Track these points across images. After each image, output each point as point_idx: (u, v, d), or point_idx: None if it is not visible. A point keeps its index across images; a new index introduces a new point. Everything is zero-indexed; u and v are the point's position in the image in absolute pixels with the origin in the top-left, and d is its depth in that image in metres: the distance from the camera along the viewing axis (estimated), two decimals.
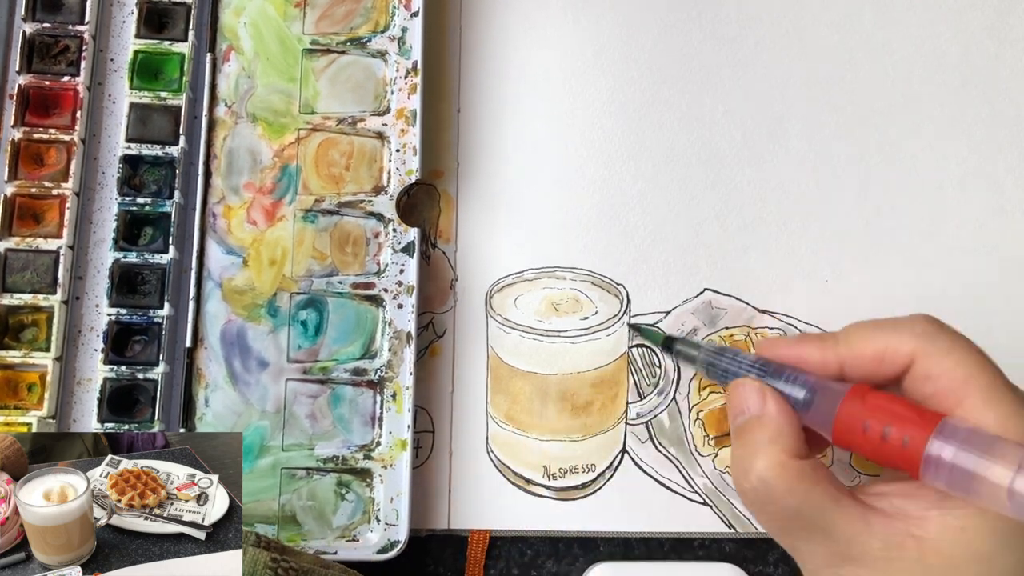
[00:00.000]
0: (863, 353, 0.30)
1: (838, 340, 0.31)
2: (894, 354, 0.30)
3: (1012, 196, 0.43)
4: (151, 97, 0.41)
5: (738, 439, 0.30)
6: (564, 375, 0.41)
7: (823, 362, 0.31)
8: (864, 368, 0.30)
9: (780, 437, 0.29)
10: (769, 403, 0.30)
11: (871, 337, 0.30)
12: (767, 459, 0.29)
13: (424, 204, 0.43)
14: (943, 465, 0.27)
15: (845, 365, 0.31)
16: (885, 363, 0.30)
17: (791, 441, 0.29)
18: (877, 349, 0.30)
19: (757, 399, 0.30)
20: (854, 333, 0.31)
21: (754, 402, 0.30)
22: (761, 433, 0.30)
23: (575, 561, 0.40)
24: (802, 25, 0.45)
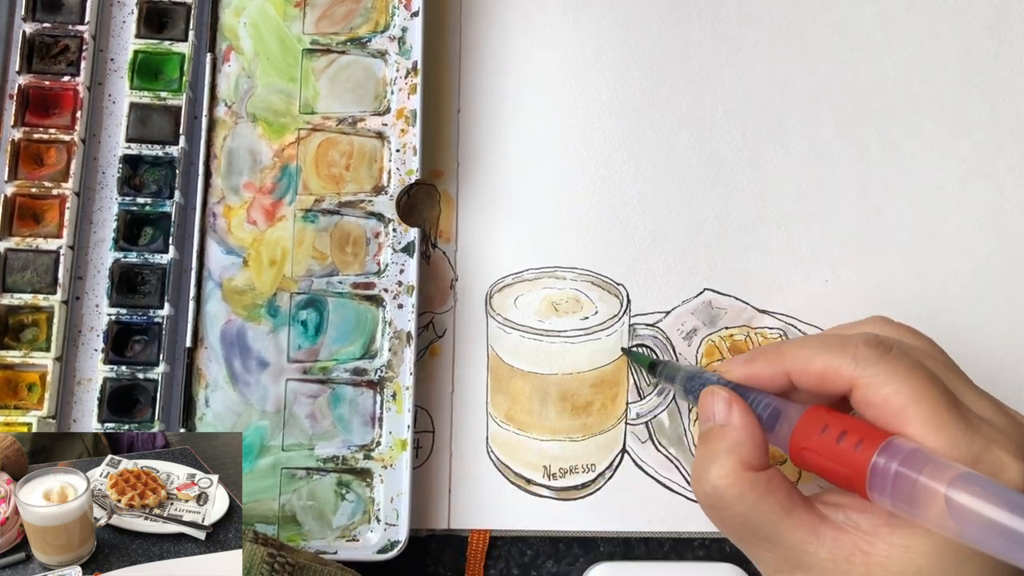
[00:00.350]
0: (808, 371, 0.31)
1: (786, 357, 0.31)
2: (835, 377, 0.30)
3: (1012, 196, 0.43)
4: (151, 97, 0.41)
5: (701, 445, 0.31)
6: (564, 375, 0.41)
7: (772, 377, 0.32)
8: (811, 386, 0.31)
9: (738, 447, 0.30)
10: (734, 413, 0.31)
11: (814, 356, 0.30)
12: (721, 468, 0.30)
13: (424, 204, 0.43)
14: (887, 480, 0.27)
15: (794, 380, 0.31)
16: (827, 383, 0.30)
17: (748, 451, 0.30)
18: (819, 369, 0.30)
19: (723, 408, 0.31)
20: (801, 349, 0.31)
21: (720, 411, 0.31)
22: (721, 442, 0.30)
23: (575, 561, 0.40)
24: (802, 25, 0.45)
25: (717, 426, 0.31)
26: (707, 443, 0.31)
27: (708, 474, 0.30)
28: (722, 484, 0.30)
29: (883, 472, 0.27)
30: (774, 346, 0.32)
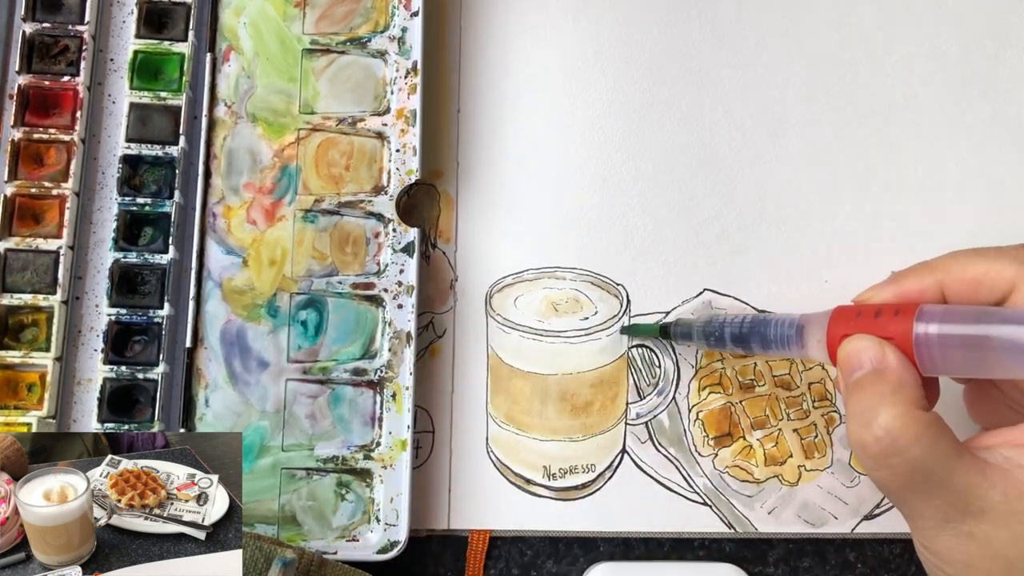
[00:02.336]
0: (962, 278, 0.31)
1: (934, 268, 0.31)
2: (994, 279, 0.30)
3: (1012, 196, 0.43)
4: (151, 97, 0.41)
5: (857, 393, 0.30)
6: (564, 375, 0.41)
7: (923, 290, 0.31)
8: (963, 293, 0.31)
9: (903, 388, 0.29)
10: (889, 356, 0.30)
11: (971, 263, 0.31)
12: (893, 409, 0.28)
13: (424, 204, 0.43)
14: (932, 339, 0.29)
15: (945, 291, 0.31)
16: (984, 288, 0.30)
17: (915, 392, 0.29)
18: (977, 274, 0.30)
19: (875, 352, 0.30)
20: (953, 260, 0.31)
21: (872, 355, 0.30)
22: (883, 385, 0.29)
23: (575, 561, 0.40)
24: (802, 25, 0.45)
25: (872, 371, 0.30)
26: (863, 390, 0.29)
27: (878, 419, 0.28)
28: (896, 426, 0.28)
29: (930, 313, 0.29)
30: (920, 263, 0.32)
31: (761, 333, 0.35)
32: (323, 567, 0.36)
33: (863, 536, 0.41)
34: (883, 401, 0.29)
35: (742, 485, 0.41)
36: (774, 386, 0.41)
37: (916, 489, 0.29)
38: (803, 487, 0.41)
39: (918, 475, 0.28)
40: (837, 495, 0.40)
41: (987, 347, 0.28)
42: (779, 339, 0.35)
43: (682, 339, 0.39)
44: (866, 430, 0.29)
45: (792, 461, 0.41)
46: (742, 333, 0.36)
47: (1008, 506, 0.27)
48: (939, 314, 0.29)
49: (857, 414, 0.29)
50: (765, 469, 0.41)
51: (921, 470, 0.28)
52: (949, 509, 0.28)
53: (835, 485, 0.41)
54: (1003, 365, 0.28)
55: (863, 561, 0.41)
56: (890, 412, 0.28)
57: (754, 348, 0.36)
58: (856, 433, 0.29)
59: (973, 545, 0.28)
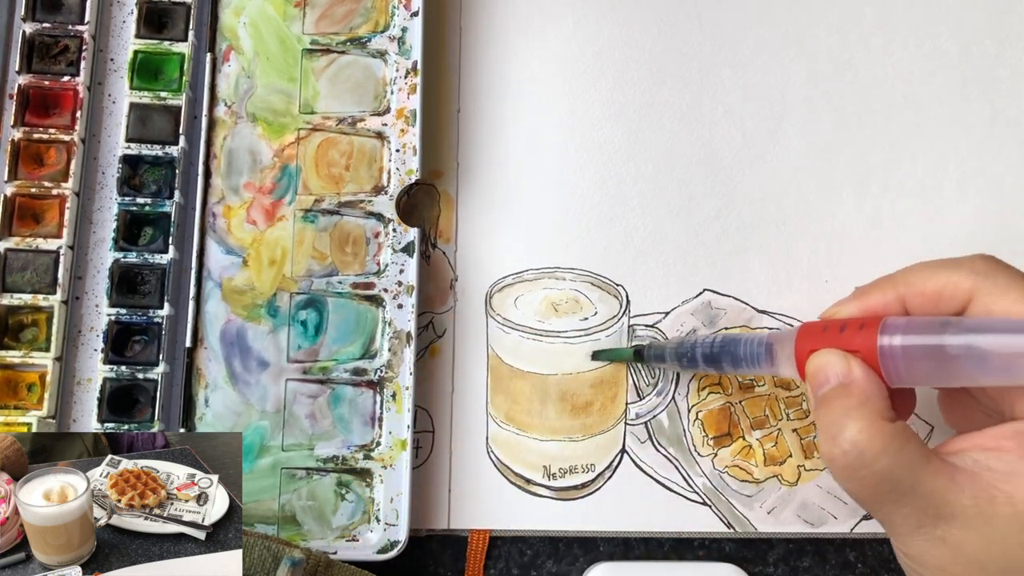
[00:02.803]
0: (923, 291, 0.31)
1: (896, 282, 0.32)
2: (953, 291, 0.30)
3: (1012, 196, 0.43)
4: (151, 97, 0.41)
5: (824, 407, 0.30)
6: (564, 375, 0.41)
7: (886, 304, 0.32)
8: (925, 306, 0.31)
9: (869, 401, 0.29)
10: (854, 369, 0.30)
11: (931, 275, 0.31)
12: (859, 422, 0.29)
13: (424, 204, 0.43)
14: (896, 350, 0.29)
15: (907, 304, 0.31)
16: (944, 300, 0.30)
17: (880, 404, 0.29)
18: (936, 287, 0.31)
19: (841, 366, 0.30)
20: (913, 273, 0.32)
21: (838, 370, 0.30)
22: (849, 399, 0.29)
23: (575, 561, 0.40)
24: (802, 25, 0.45)
25: (839, 385, 0.30)
26: (831, 404, 0.30)
27: (844, 432, 0.29)
28: (863, 439, 0.29)
29: (893, 326, 0.29)
30: (883, 277, 0.32)
31: (731, 352, 0.35)
32: (330, 568, 0.36)
33: (863, 536, 0.41)
34: (849, 414, 0.29)
35: (742, 485, 0.41)
36: (774, 386, 0.41)
37: (886, 499, 0.29)
38: (803, 487, 0.41)
39: (886, 485, 0.29)
40: (837, 495, 0.40)
41: (949, 356, 0.28)
42: (749, 357, 0.35)
43: (655, 361, 0.39)
44: (833, 444, 0.29)
45: (792, 461, 0.41)
46: (712, 353, 0.36)
47: (978, 510, 0.28)
48: (902, 326, 0.29)
49: (825, 428, 0.30)
50: (765, 469, 0.41)
51: (889, 480, 0.29)
52: (920, 515, 0.29)
53: (835, 485, 0.41)
54: (966, 373, 0.28)
55: (863, 561, 0.41)
56: (856, 425, 0.29)
57: (725, 367, 0.36)
58: (825, 447, 0.30)
59: (946, 549, 0.28)
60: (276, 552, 0.35)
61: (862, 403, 0.29)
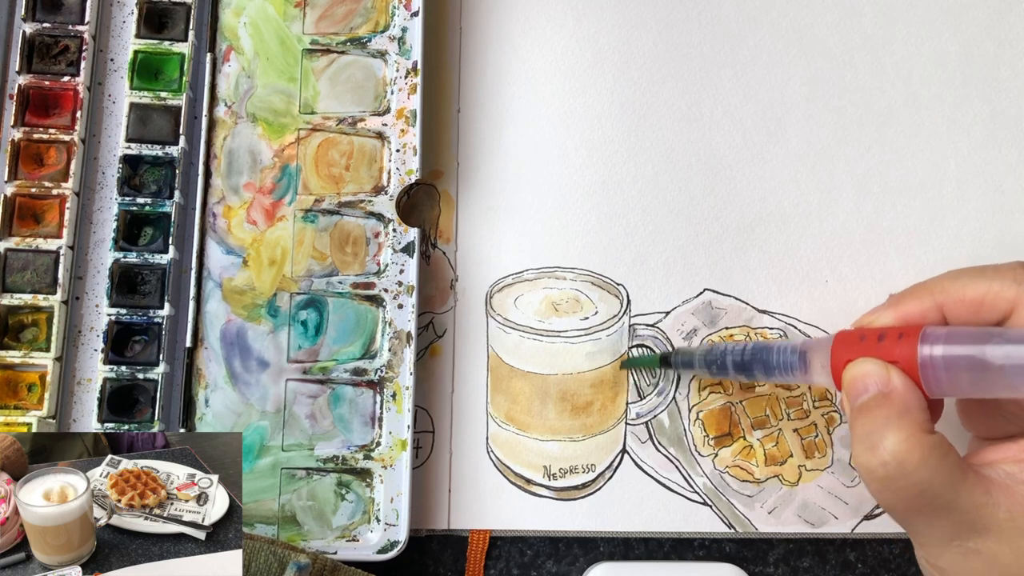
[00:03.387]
0: (963, 299, 0.30)
1: (934, 290, 0.31)
2: (995, 300, 0.30)
3: (1012, 196, 0.43)
4: (151, 97, 0.41)
5: (862, 417, 0.30)
6: (564, 375, 0.41)
7: (923, 312, 0.31)
8: (964, 314, 0.31)
9: (909, 411, 0.29)
10: (894, 379, 0.30)
11: (971, 283, 0.30)
12: (899, 433, 0.28)
13: (424, 204, 0.43)
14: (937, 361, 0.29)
15: (946, 312, 0.31)
16: (985, 308, 0.30)
17: (920, 415, 0.29)
18: (977, 295, 0.30)
19: (880, 376, 0.30)
20: (952, 281, 0.31)
21: (877, 379, 0.30)
22: (889, 409, 0.29)
23: (575, 561, 0.40)
24: (802, 25, 0.45)
25: (878, 395, 0.30)
26: (869, 414, 0.29)
27: (884, 443, 0.28)
28: (903, 450, 0.28)
29: (933, 336, 0.29)
30: (918, 284, 0.32)
31: (764, 360, 0.35)
32: (336, 571, 0.36)
33: (863, 536, 0.41)
34: (889, 424, 0.29)
35: (742, 485, 0.41)
36: (774, 386, 0.41)
37: (922, 511, 0.29)
38: (803, 487, 0.41)
39: (924, 498, 0.28)
40: (837, 495, 0.40)
41: (992, 368, 0.28)
42: (782, 365, 0.34)
43: (684, 368, 0.39)
44: (872, 454, 0.29)
45: (792, 461, 0.41)
46: (744, 360, 0.36)
47: (1013, 523, 0.28)
48: (943, 336, 0.29)
49: (863, 437, 0.29)
50: (765, 469, 0.41)
51: (928, 493, 0.28)
52: (955, 528, 0.28)
53: (835, 485, 0.41)
54: (1009, 385, 0.28)
55: (863, 561, 0.41)
56: (896, 436, 0.28)
57: (757, 375, 0.36)
58: (862, 457, 0.29)
59: (979, 562, 0.28)
60: (282, 557, 0.35)
61: (902, 414, 0.29)
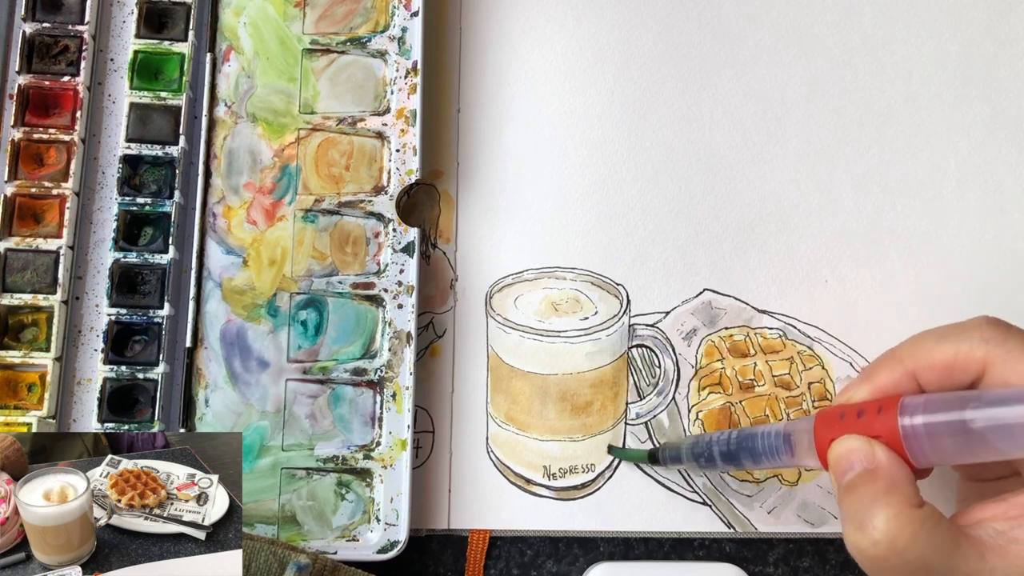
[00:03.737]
0: (931, 364, 0.30)
1: (903, 357, 0.31)
2: (965, 361, 0.29)
3: (1012, 196, 0.43)
4: (151, 97, 0.41)
5: (849, 495, 0.29)
6: (564, 375, 0.41)
7: (895, 383, 0.31)
8: (937, 380, 0.30)
9: (896, 487, 0.28)
10: (879, 454, 0.29)
11: (936, 347, 0.30)
12: (888, 510, 0.28)
13: (424, 204, 0.43)
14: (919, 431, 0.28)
15: (919, 378, 0.31)
16: (957, 372, 0.30)
17: (908, 489, 0.29)
18: (947, 358, 0.30)
19: (865, 452, 0.29)
20: (918, 346, 0.31)
21: (862, 455, 0.29)
22: (876, 485, 0.29)
23: (575, 561, 0.40)
24: (802, 25, 0.45)
25: (864, 472, 0.29)
26: (856, 492, 0.29)
27: (874, 521, 0.28)
28: (893, 527, 0.28)
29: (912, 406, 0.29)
30: (885, 355, 0.32)
31: (749, 448, 0.34)
32: (336, 572, 0.36)
33: None
34: (876, 502, 0.28)
35: (742, 485, 0.41)
36: (774, 386, 0.41)
37: None
38: (803, 487, 0.41)
39: (919, 574, 0.28)
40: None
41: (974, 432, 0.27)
42: (768, 451, 0.34)
43: (672, 463, 0.38)
44: (862, 533, 0.28)
45: None
46: (730, 450, 0.35)
47: None
48: (921, 405, 0.29)
49: (852, 516, 0.29)
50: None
51: (922, 569, 0.28)
52: None
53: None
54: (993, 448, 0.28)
55: None
56: (885, 513, 0.28)
57: (745, 463, 0.35)
58: (852, 536, 0.29)
59: None
60: (282, 557, 0.35)
61: (889, 489, 0.28)
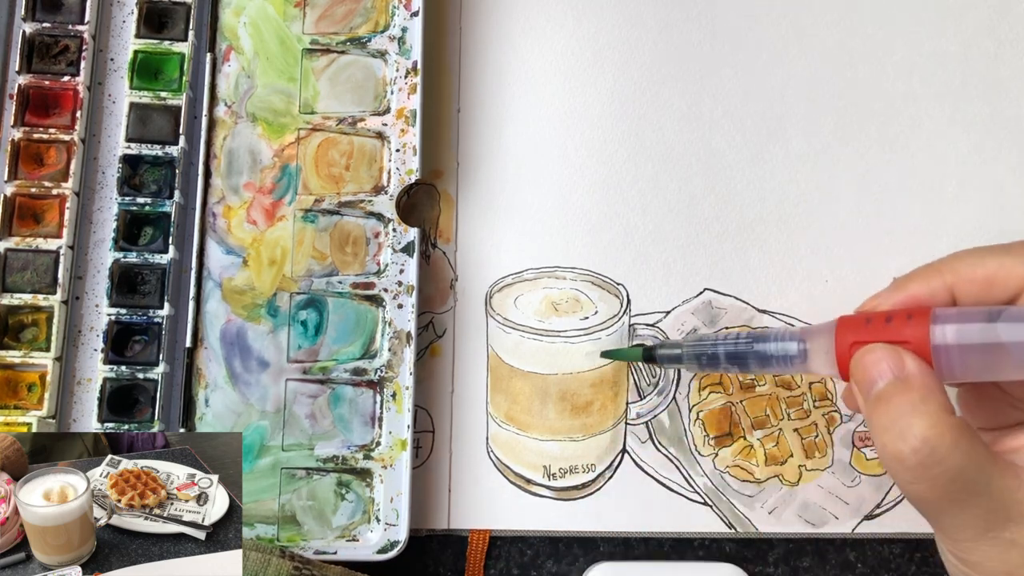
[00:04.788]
0: (972, 278, 0.30)
1: (942, 270, 0.30)
2: (1007, 277, 0.29)
3: (1012, 196, 0.43)
4: (151, 97, 0.41)
5: (882, 406, 0.28)
6: (564, 375, 0.41)
7: (931, 293, 0.30)
8: (973, 294, 0.30)
9: (931, 395, 0.28)
10: (909, 363, 0.28)
11: (979, 262, 0.30)
12: (926, 419, 0.27)
13: (424, 204, 0.43)
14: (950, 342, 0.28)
15: (955, 292, 0.30)
16: (996, 287, 0.29)
17: (942, 398, 0.28)
18: (988, 273, 0.29)
19: (895, 361, 0.29)
20: (960, 260, 0.30)
21: (892, 364, 0.29)
22: (910, 394, 0.28)
23: (575, 561, 0.40)
24: (802, 25, 0.45)
25: (895, 380, 0.28)
26: (889, 402, 0.28)
27: (912, 430, 0.27)
28: (933, 435, 0.27)
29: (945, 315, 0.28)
30: (925, 266, 0.31)
31: (760, 350, 0.33)
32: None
33: (863, 536, 0.41)
34: (915, 410, 0.28)
35: (742, 485, 0.41)
36: (774, 386, 0.41)
37: (956, 499, 0.28)
38: (804, 487, 0.41)
39: (958, 484, 0.27)
40: (838, 495, 0.40)
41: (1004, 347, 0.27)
42: (779, 355, 0.33)
43: (669, 362, 0.37)
44: (902, 442, 0.28)
45: (793, 461, 0.41)
46: (738, 351, 0.34)
47: None
48: (954, 316, 0.28)
49: (887, 427, 0.28)
50: (765, 469, 0.41)
51: (961, 478, 0.27)
52: (990, 517, 0.27)
53: (836, 485, 0.41)
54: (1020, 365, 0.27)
55: (863, 561, 0.41)
56: (924, 421, 0.27)
57: (752, 367, 0.34)
58: (892, 446, 0.28)
59: (1015, 552, 0.27)
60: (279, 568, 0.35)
61: (925, 398, 0.28)
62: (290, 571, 0.35)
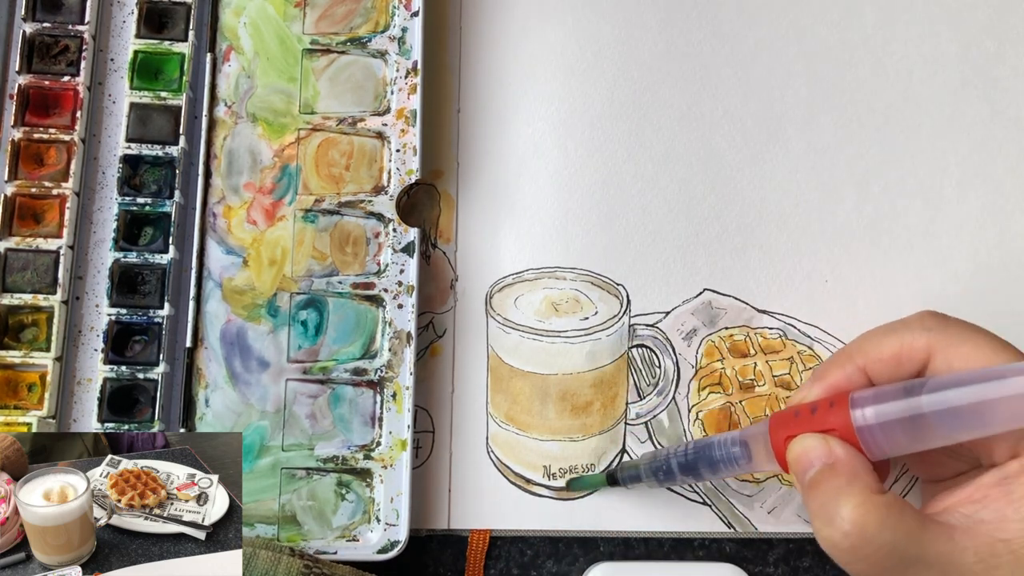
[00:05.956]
0: (880, 358, 0.31)
1: (853, 354, 0.32)
2: (909, 352, 0.31)
3: (1012, 196, 0.43)
4: (151, 97, 0.41)
5: (813, 491, 0.30)
6: (564, 375, 0.41)
7: (848, 379, 0.32)
8: (886, 372, 0.31)
9: (857, 477, 0.29)
10: (835, 448, 0.30)
11: (883, 341, 0.31)
12: (852, 499, 0.29)
13: (424, 204, 0.43)
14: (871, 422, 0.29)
15: (869, 373, 0.32)
16: (904, 362, 0.31)
17: (868, 478, 0.29)
18: (893, 351, 0.31)
19: (822, 448, 0.30)
20: (866, 342, 0.32)
21: (820, 452, 0.30)
22: (837, 479, 0.29)
23: (575, 561, 0.40)
24: (802, 25, 0.45)
25: (824, 467, 0.30)
26: (819, 487, 0.30)
27: (840, 513, 0.29)
28: (859, 515, 0.28)
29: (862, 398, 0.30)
30: (838, 352, 0.33)
31: (707, 457, 0.35)
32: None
33: None
34: (840, 494, 0.29)
35: (742, 485, 0.41)
36: (774, 386, 0.41)
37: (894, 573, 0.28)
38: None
39: (894, 559, 0.28)
40: None
41: (923, 418, 0.28)
42: (726, 459, 0.34)
43: (631, 483, 0.38)
44: (832, 526, 0.29)
45: None
46: (688, 461, 0.35)
47: (984, 564, 0.28)
48: (871, 397, 0.30)
49: (819, 512, 0.29)
50: None
51: (896, 554, 0.28)
52: None
53: None
54: (943, 433, 0.28)
55: None
56: (850, 503, 0.28)
57: (704, 473, 0.35)
58: (823, 531, 0.29)
59: None
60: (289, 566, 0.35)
61: (851, 480, 0.29)
62: (300, 569, 0.35)
